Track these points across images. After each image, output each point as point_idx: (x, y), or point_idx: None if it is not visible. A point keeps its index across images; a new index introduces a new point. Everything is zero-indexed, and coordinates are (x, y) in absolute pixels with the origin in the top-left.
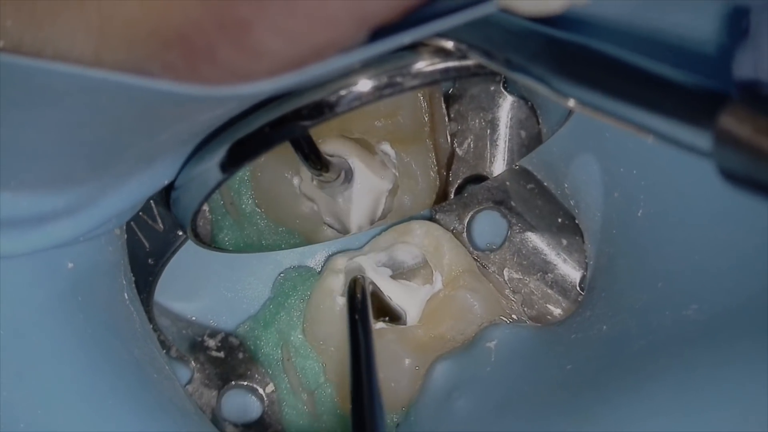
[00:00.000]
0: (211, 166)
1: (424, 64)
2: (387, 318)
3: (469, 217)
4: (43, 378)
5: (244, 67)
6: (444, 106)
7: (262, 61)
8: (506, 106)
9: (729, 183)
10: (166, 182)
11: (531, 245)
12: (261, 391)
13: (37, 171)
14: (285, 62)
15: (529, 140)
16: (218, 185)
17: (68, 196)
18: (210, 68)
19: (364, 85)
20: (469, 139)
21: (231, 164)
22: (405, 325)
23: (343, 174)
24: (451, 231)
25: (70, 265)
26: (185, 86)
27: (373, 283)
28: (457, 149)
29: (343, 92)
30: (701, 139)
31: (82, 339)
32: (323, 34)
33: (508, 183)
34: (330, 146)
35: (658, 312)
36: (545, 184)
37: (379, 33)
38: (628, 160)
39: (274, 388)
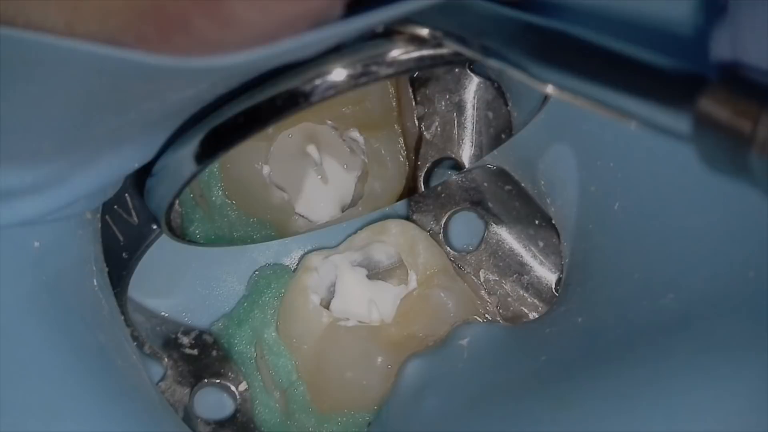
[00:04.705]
0: (185, 155)
1: (398, 53)
2: None
3: (446, 217)
4: None
5: (217, 39)
6: (410, 90)
7: (235, 32)
8: (473, 87)
9: (709, 167)
10: (136, 165)
11: (507, 247)
12: (234, 389)
13: (3, 145)
14: (259, 35)
15: (496, 121)
16: (193, 177)
17: (36, 172)
18: (183, 39)
19: (339, 74)
20: (437, 122)
21: (205, 155)
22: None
23: None
24: (428, 231)
25: (36, 244)
26: (158, 57)
27: None
28: (424, 133)
29: (317, 81)
30: (681, 122)
31: (43, 317)
32: (297, 5)
33: (485, 184)
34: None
35: (635, 302)
36: (522, 184)
37: (354, 13)
38: (605, 154)
39: (247, 386)
